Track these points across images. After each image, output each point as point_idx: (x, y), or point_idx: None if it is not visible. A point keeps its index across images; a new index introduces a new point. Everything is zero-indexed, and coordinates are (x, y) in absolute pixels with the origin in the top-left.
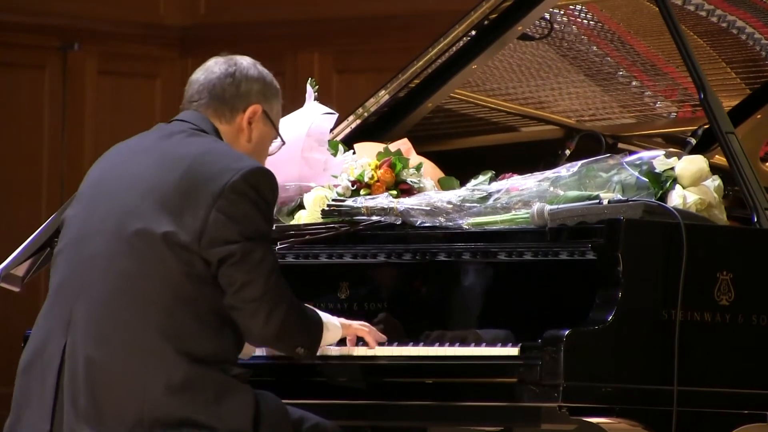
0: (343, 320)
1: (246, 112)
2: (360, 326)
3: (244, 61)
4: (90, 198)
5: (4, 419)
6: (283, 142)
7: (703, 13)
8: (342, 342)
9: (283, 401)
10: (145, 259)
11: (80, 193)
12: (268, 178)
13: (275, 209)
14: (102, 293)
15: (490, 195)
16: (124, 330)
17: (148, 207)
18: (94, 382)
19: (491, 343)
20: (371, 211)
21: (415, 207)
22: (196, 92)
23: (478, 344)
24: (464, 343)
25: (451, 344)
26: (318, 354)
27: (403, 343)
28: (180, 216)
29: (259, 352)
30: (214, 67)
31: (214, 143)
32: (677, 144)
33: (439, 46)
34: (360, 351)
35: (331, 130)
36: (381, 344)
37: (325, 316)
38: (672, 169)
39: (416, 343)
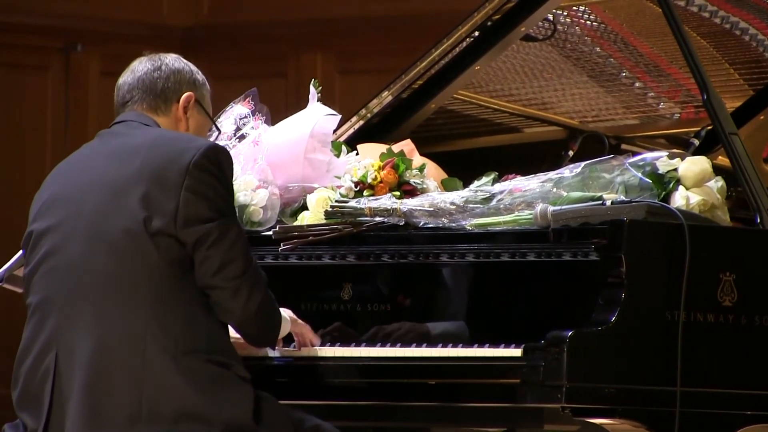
0: (291, 314)
1: (180, 102)
2: (301, 323)
3: (168, 56)
4: (52, 212)
5: (4, 420)
6: (219, 132)
7: (706, 14)
8: (290, 339)
9: (284, 402)
10: (127, 255)
11: (37, 212)
12: (226, 153)
13: (278, 211)
14: (88, 296)
15: (493, 196)
16: (116, 327)
17: (117, 203)
18: (90, 383)
19: (494, 344)
20: (374, 212)
21: (418, 208)
22: (126, 92)
23: (481, 345)
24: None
25: (418, 343)
26: (318, 355)
27: (405, 344)
28: (151, 203)
29: (257, 351)
30: (139, 66)
31: (162, 130)
32: (680, 145)
33: (442, 47)
34: (362, 351)
35: (334, 131)
36: (383, 345)
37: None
38: (675, 170)
39: (419, 345)
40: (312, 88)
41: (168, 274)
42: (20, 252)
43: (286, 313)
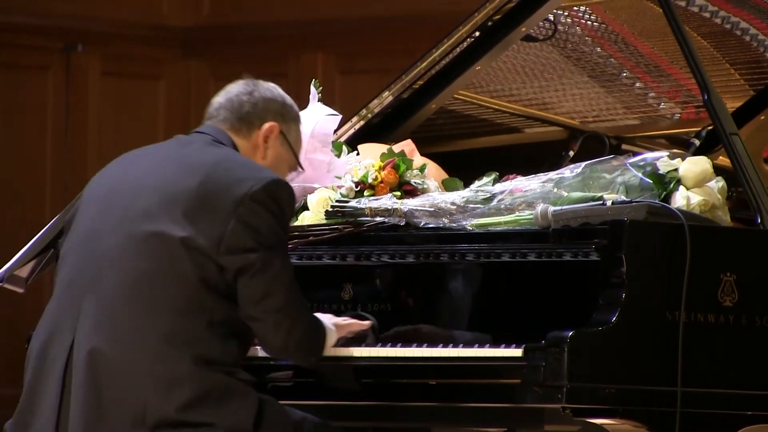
0: (334, 320)
1: (262, 129)
2: (348, 324)
3: (265, 83)
4: (104, 199)
5: (4, 419)
6: (302, 170)
7: (707, 14)
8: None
9: (285, 402)
10: (160, 261)
11: (91, 196)
12: (288, 190)
13: None
14: (113, 291)
15: (493, 196)
16: (133, 329)
17: (166, 211)
18: (98, 379)
19: (494, 344)
20: (375, 212)
21: (419, 208)
22: (214, 110)
23: (481, 345)
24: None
25: (418, 343)
26: None
27: (406, 344)
28: (198, 222)
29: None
30: (234, 87)
31: (233, 153)
32: (681, 145)
33: (442, 48)
34: (362, 352)
35: (335, 132)
36: (384, 345)
37: (323, 322)
38: (676, 170)
39: (420, 345)
40: (312, 88)
41: (195, 288)
42: (21, 252)
43: (329, 322)
